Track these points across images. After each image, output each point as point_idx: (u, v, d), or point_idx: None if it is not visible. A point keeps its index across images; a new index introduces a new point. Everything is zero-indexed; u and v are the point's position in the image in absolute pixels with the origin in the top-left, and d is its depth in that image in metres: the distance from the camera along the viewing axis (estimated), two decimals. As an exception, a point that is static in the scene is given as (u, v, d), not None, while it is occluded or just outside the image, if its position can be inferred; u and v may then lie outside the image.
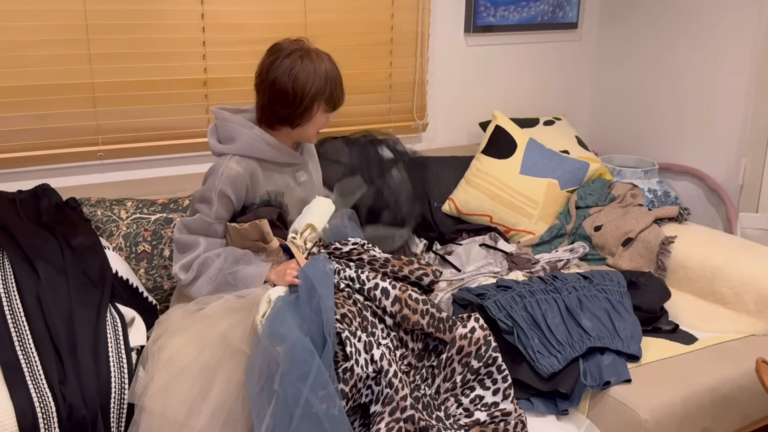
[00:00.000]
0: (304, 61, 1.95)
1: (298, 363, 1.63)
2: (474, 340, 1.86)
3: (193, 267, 1.94)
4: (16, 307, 1.85)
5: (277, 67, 1.96)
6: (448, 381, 1.87)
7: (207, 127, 2.68)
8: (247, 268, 1.93)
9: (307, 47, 1.99)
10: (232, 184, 1.96)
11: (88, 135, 2.50)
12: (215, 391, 1.72)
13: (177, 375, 1.75)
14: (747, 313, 2.28)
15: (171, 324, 1.87)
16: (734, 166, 3.06)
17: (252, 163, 2.00)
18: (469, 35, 3.19)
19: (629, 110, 3.48)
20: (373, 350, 1.75)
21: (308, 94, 1.96)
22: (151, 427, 1.71)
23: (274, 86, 1.96)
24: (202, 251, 1.95)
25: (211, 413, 1.70)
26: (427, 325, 1.86)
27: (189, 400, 1.72)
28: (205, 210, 1.97)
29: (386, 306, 1.87)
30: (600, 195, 2.89)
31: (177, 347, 1.80)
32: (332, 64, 2.01)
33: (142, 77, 2.54)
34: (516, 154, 2.93)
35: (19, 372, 1.73)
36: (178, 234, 1.98)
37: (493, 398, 1.84)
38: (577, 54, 3.54)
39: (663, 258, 2.53)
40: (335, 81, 2.00)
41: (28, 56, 2.35)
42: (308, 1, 2.76)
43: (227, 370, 1.75)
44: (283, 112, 1.99)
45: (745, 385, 2.03)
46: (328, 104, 2.02)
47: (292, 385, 1.62)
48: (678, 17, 3.19)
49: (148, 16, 2.50)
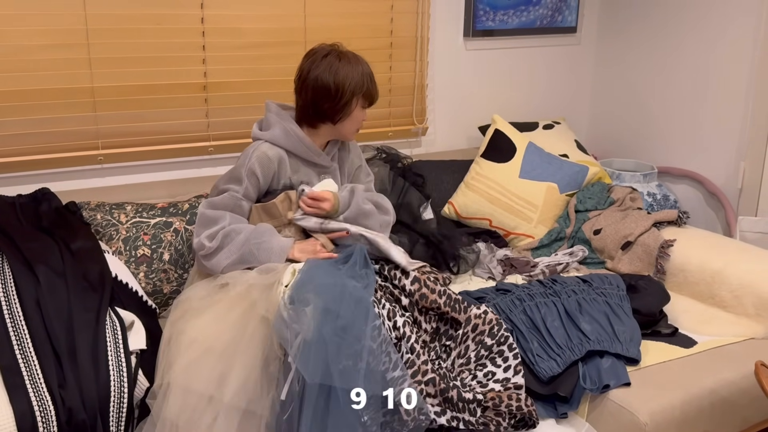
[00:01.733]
0: (341, 60, 2.12)
1: (332, 316, 1.74)
2: (487, 320, 1.96)
3: (218, 237, 2.01)
4: (15, 310, 1.85)
5: (318, 66, 2.11)
6: (462, 357, 1.95)
7: (206, 132, 2.69)
8: (272, 240, 2.02)
9: (342, 49, 2.17)
10: (261, 165, 2.10)
11: (88, 139, 2.50)
12: (239, 367, 1.78)
13: (201, 355, 1.81)
14: (746, 316, 2.28)
15: (190, 304, 1.94)
16: (733, 169, 3.06)
17: (281, 152, 2.14)
18: (468, 39, 3.20)
19: (628, 114, 3.48)
20: (396, 317, 1.86)
21: (348, 88, 2.10)
22: (178, 402, 1.76)
23: (317, 83, 2.10)
24: (227, 224, 2.04)
25: (236, 388, 1.75)
26: (444, 304, 1.96)
27: (214, 377, 1.78)
28: (235, 188, 2.10)
29: (405, 284, 1.97)
30: (599, 199, 2.89)
31: (199, 328, 1.86)
32: (366, 64, 2.17)
33: (142, 81, 2.54)
34: (515, 157, 2.93)
35: (18, 376, 1.73)
36: (204, 209, 2.08)
37: (504, 374, 1.91)
38: (576, 58, 3.55)
39: (662, 261, 2.53)
40: (371, 77, 2.16)
41: (28, 61, 2.36)
42: (308, 5, 2.77)
43: (251, 346, 1.81)
44: (326, 107, 2.13)
45: (744, 388, 2.03)
46: (365, 99, 2.17)
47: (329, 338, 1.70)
48: (677, 22, 3.20)
49: (148, 20, 2.50)
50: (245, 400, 1.75)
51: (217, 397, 1.76)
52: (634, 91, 3.44)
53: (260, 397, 1.77)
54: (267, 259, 1.99)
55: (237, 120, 2.74)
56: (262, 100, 2.75)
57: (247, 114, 2.75)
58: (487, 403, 1.86)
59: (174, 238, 2.30)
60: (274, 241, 2.01)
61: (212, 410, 1.76)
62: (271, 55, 2.74)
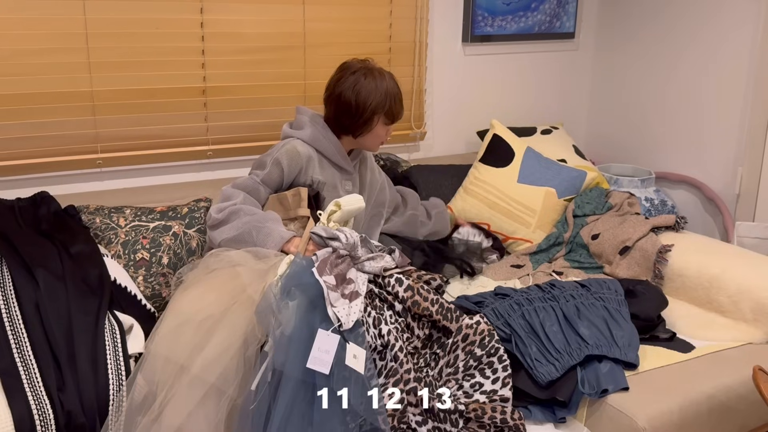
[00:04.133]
0: (367, 78, 2.22)
1: (320, 308, 1.77)
2: (479, 331, 1.95)
3: (226, 210, 2.08)
4: (14, 314, 1.85)
5: (343, 83, 2.22)
6: (450, 366, 1.94)
7: (205, 136, 2.70)
8: (274, 228, 2.05)
9: (372, 66, 2.26)
10: (289, 157, 2.19)
11: (88, 143, 2.51)
12: (215, 342, 1.77)
13: (183, 322, 1.81)
14: (744, 321, 2.29)
15: (186, 279, 1.97)
16: (731, 175, 3.07)
17: (312, 151, 2.25)
18: (467, 45, 3.21)
19: (626, 119, 3.49)
20: (381, 325, 1.86)
21: (369, 107, 2.21)
22: (154, 368, 1.77)
23: (340, 99, 2.23)
24: (239, 202, 2.11)
25: (207, 362, 1.74)
26: (436, 312, 1.96)
27: (191, 346, 1.77)
28: (257, 172, 2.20)
29: (398, 291, 1.97)
30: (597, 204, 2.90)
31: (188, 299, 1.87)
32: (393, 82, 2.27)
33: (142, 86, 2.55)
34: (513, 162, 2.94)
35: (17, 379, 1.73)
36: (225, 188, 2.17)
37: (492, 386, 1.90)
38: (574, 63, 3.56)
39: (660, 266, 2.53)
40: (395, 97, 2.25)
41: (28, 64, 2.36)
42: (307, 10, 2.78)
43: (232, 323, 1.80)
44: (347, 123, 2.26)
45: (742, 393, 2.03)
46: (387, 117, 2.26)
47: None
48: (675, 27, 3.21)
49: (148, 24, 2.51)
50: (215, 376, 1.73)
51: (186, 366, 1.74)
52: (632, 96, 3.45)
53: (233, 378, 1.75)
54: (263, 243, 2.00)
55: (236, 124, 2.74)
56: (261, 105, 2.76)
57: (246, 118, 2.75)
58: (469, 414, 1.85)
59: (173, 241, 2.31)
60: (275, 229, 2.03)
61: (181, 379, 1.74)
62: (271, 59, 2.75)
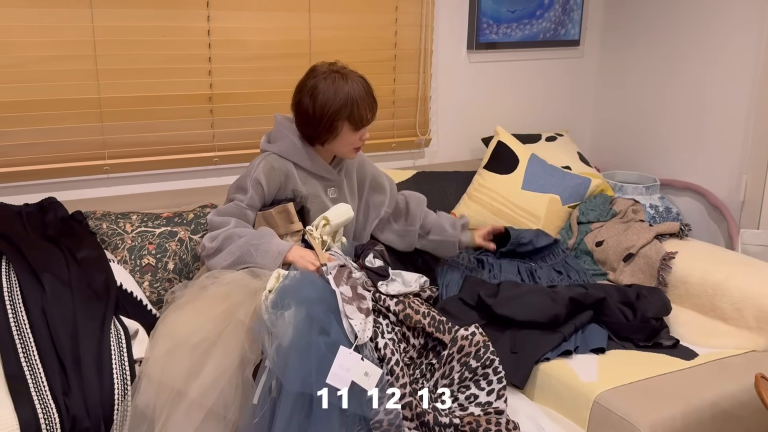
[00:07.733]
0: (326, 82, 2.06)
1: (317, 320, 1.76)
2: (474, 342, 1.93)
3: (219, 238, 2.03)
4: (21, 319, 1.87)
5: (302, 89, 2.10)
6: (446, 378, 1.93)
7: (212, 142, 2.71)
8: (270, 242, 2.01)
9: (337, 69, 2.10)
10: (267, 175, 2.11)
11: (95, 149, 2.53)
12: (212, 365, 1.76)
13: (176, 345, 1.79)
14: (747, 328, 2.29)
15: (178, 299, 1.93)
16: (735, 182, 3.07)
17: (288, 165, 2.16)
18: (471, 52, 3.22)
19: (631, 126, 3.50)
20: (377, 339, 1.85)
21: (327, 113, 2.06)
22: (149, 392, 1.76)
23: (300, 107, 2.11)
24: (231, 227, 2.05)
25: (205, 386, 1.73)
26: (428, 325, 1.95)
27: (183, 371, 1.76)
28: (240, 197, 2.12)
29: (390, 305, 1.96)
30: (601, 210, 2.90)
31: (181, 320, 1.85)
32: (358, 85, 2.08)
33: (149, 92, 2.57)
34: (518, 169, 2.95)
35: (23, 383, 1.74)
36: (212, 216, 2.10)
37: (487, 398, 1.90)
38: (579, 71, 3.57)
39: (664, 273, 2.53)
40: (356, 101, 2.07)
41: (36, 72, 2.38)
42: (313, 18, 2.80)
43: (227, 346, 1.79)
44: (308, 131, 2.13)
45: (745, 401, 2.03)
46: (351, 123, 2.10)
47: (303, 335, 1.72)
48: (679, 35, 3.21)
49: (155, 32, 2.53)
50: (212, 400, 1.72)
51: (183, 391, 1.73)
52: (636, 103, 3.45)
53: (232, 401, 1.74)
54: (263, 261, 1.97)
55: (242, 131, 2.76)
56: (266, 112, 2.78)
57: (251, 125, 2.77)
58: (464, 427, 1.84)
59: (179, 247, 2.32)
60: (272, 244, 2.00)
61: (178, 405, 1.73)
62: (276, 67, 2.77)
